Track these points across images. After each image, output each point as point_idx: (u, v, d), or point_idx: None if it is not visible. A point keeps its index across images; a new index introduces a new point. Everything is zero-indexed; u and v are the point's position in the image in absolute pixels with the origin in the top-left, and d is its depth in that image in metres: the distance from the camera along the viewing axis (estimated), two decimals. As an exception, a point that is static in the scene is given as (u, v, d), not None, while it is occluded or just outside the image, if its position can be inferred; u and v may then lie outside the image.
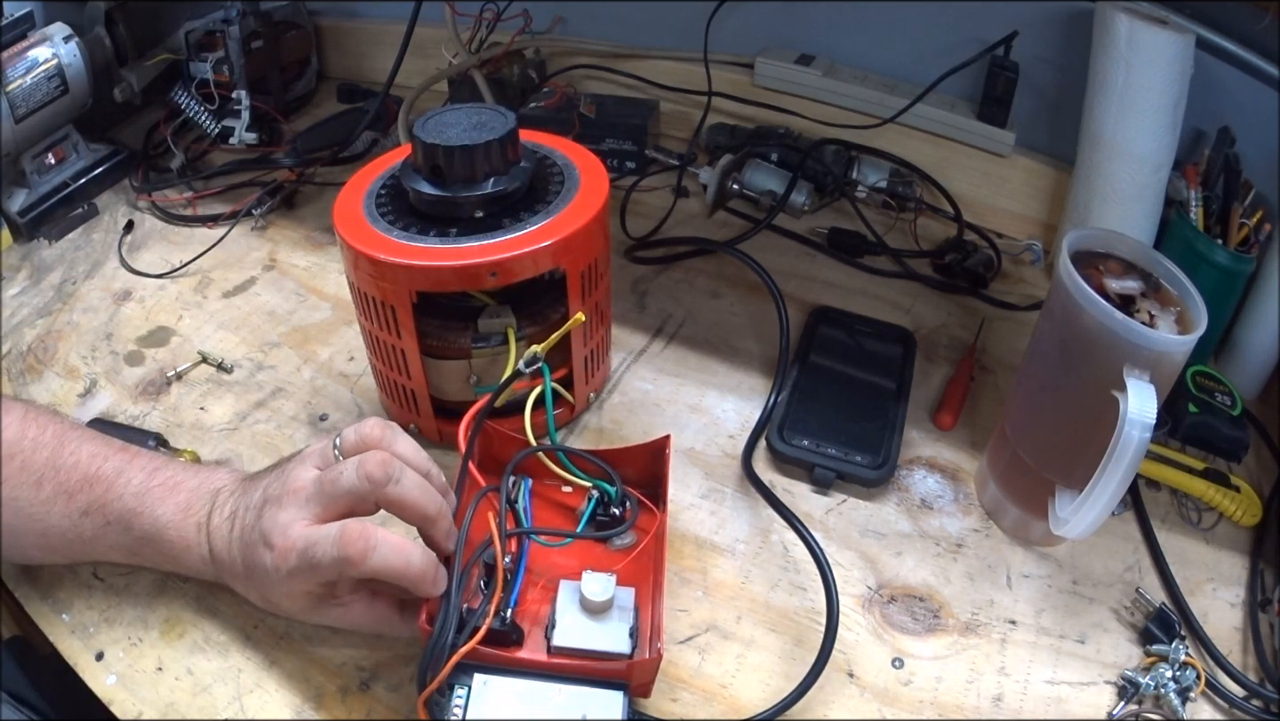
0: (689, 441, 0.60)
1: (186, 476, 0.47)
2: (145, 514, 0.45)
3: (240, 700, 0.46)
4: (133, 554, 0.47)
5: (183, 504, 0.45)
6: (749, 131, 0.87)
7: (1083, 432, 0.46)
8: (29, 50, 0.75)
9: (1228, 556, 0.54)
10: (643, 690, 0.44)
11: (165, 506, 0.45)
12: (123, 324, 0.71)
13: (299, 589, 0.42)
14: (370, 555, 0.39)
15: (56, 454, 0.46)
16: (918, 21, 0.79)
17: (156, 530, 0.45)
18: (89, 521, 0.45)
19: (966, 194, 0.81)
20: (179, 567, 0.46)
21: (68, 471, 0.45)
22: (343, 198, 0.55)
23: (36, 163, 0.79)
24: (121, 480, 0.46)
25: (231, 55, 0.87)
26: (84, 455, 0.46)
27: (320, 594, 0.43)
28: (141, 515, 0.45)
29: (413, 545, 0.41)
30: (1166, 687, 0.45)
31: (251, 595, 0.45)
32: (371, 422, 0.44)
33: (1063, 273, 0.46)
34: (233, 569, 0.44)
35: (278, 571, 0.41)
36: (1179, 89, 0.64)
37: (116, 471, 0.46)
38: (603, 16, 0.93)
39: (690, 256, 0.76)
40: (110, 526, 0.45)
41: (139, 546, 0.46)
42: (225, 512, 0.45)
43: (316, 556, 0.40)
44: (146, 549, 0.46)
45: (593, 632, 0.43)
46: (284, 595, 0.42)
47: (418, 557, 0.41)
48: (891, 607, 0.51)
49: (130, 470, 0.46)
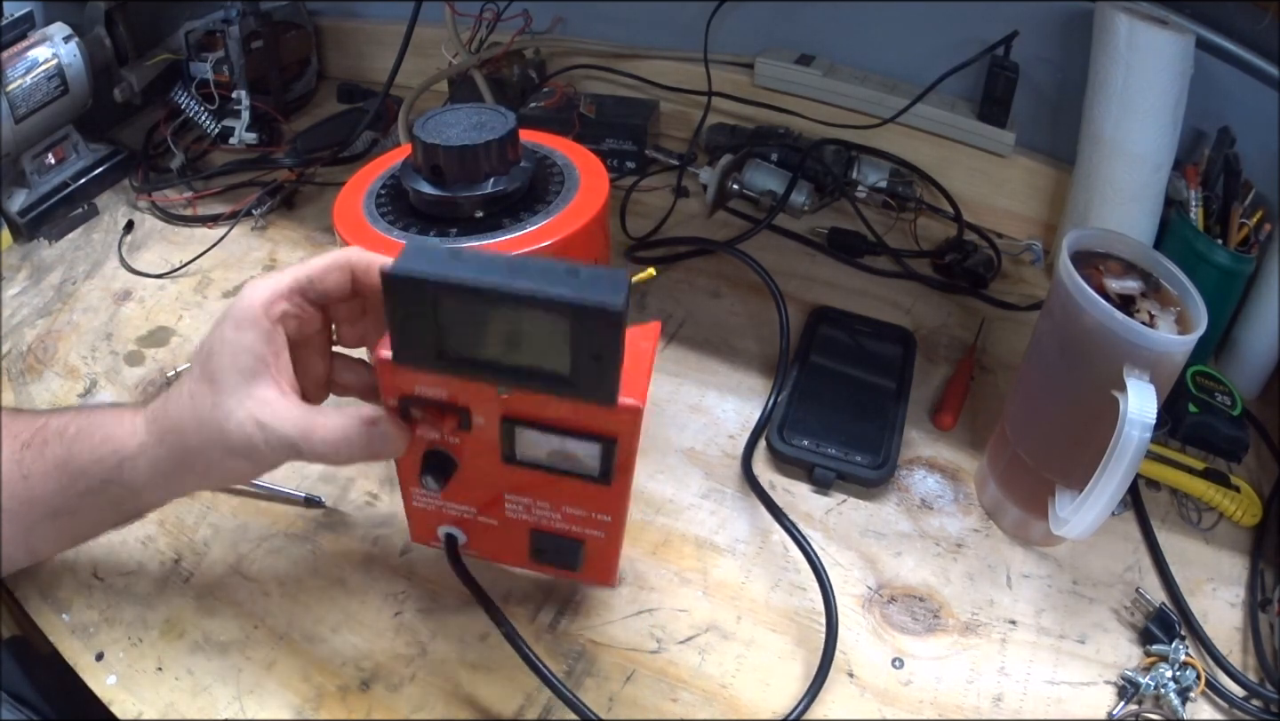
0: (689, 441, 0.60)
1: (123, 419, 0.43)
2: (78, 434, 0.42)
3: (240, 700, 0.46)
4: (69, 473, 0.42)
5: (109, 416, 0.43)
6: (749, 131, 0.87)
7: (1083, 432, 0.46)
8: (29, 50, 0.75)
9: (1228, 556, 0.54)
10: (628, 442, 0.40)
11: (96, 418, 0.43)
12: (123, 324, 0.71)
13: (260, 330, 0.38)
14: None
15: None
16: (918, 21, 0.79)
17: (90, 427, 0.42)
18: (63, 472, 0.42)
19: (966, 194, 0.81)
20: (112, 465, 0.42)
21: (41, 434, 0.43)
22: (343, 198, 0.55)
23: (36, 163, 0.79)
24: (49, 428, 0.43)
25: (231, 55, 0.87)
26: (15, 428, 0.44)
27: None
28: (71, 434, 0.42)
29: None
30: (1166, 687, 0.45)
31: (206, 432, 0.39)
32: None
33: (1063, 273, 0.46)
34: (180, 407, 0.40)
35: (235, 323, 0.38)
36: (1179, 89, 0.64)
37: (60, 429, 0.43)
38: (603, 16, 0.93)
39: (690, 256, 0.76)
40: (82, 474, 0.42)
41: (77, 472, 0.42)
42: (159, 398, 0.42)
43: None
44: (79, 446, 0.42)
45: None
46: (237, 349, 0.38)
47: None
48: (891, 607, 0.51)
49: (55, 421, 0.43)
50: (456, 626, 0.49)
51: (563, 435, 0.38)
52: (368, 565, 0.52)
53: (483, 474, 0.41)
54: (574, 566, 0.44)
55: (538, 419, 0.38)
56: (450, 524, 0.45)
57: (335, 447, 0.38)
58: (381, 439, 0.39)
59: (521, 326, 0.34)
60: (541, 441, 0.39)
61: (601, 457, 0.39)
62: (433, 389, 0.38)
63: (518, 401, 0.38)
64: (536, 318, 0.33)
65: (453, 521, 0.45)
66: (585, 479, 0.40)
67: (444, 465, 0.40)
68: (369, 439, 0.39)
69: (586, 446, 0.39)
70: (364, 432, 0.38)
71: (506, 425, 0.39)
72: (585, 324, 0.33)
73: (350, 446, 0.38)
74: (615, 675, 0.47)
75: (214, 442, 0.39)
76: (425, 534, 0.46)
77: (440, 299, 0.34)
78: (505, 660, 0.47)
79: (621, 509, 0.42)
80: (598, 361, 0.34)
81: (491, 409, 0.38)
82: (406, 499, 0.44)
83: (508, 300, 0.33)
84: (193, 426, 0.39)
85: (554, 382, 0.35)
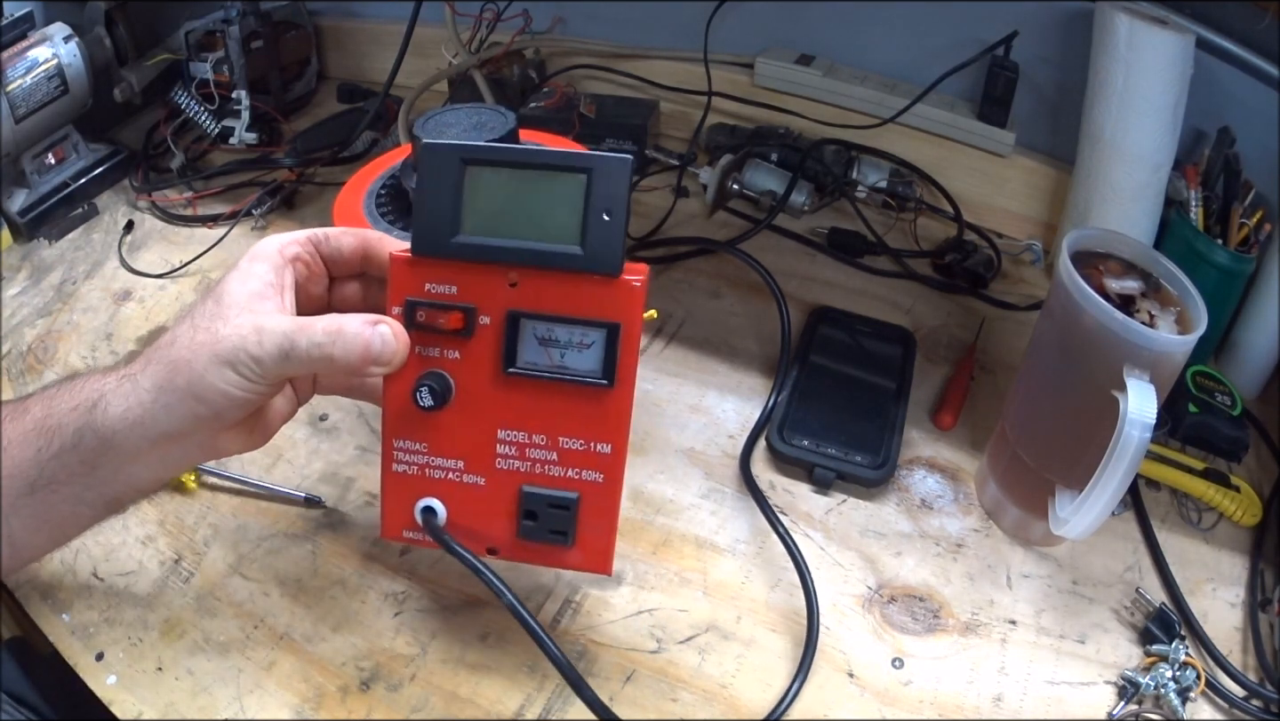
0: (689, 441, 0.60)
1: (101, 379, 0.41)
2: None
3: (240, 700, 0.46)
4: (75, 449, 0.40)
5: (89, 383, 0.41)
6: (749, 131, 0.87)
7: (1083, 432, 0.46)
8: (29, 50, 0.75)
9: (1228, 556, 0.54)
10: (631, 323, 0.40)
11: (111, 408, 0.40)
12: (123, 324, 0.71)
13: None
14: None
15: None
16: (917, 21, 0.79)
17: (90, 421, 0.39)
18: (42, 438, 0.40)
19: (966, 194, 0.81)
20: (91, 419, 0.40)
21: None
22: (343, 198, 0.55)
23: (36, 163, 0.79)
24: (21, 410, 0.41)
25: (231, 55, 0.87)
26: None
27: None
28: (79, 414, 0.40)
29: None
30: (1166, 687, 0.45)
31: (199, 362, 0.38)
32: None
33: (1063, 273, 0.46)
34: (179, 321, 0.40)
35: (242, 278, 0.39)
36: (1179, 89, 0.64)
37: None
38: (603, 16, 0.93)
39: (690, 256, 0.76)
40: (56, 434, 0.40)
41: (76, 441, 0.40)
42: (137, 359, 0.40)
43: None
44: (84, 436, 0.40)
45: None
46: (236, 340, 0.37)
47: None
48: (891, 607, 0.51)
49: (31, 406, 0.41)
50: (456, 626, 0.49)
51: (568, 324, 0.39)
52: (368, 565, 0.52)
53: (478, 402, 0.40)
54: (567, 536, 0.42)
55: (543, 311, 0.39)
56: (431, 494, 0.42)
57: (330, 338, 0.37)
58: (381, 339, 0.38)
59: (539, 194, 0.38)
60: (545, 332, 0.39)
61: (605, 348, 0.39)
62: (443, 285, 0.39)
63: (525, 292, 0.39)
64: (554, 179, 0.38)
65: (435, 490, 0.42)
66: (587, 386, 0.39)
67: (441, 386, 0.40)
68: (368, 337, 0.38)
69: (591, 334, 0.39)
70: (362, 329, 0.38)
71: (511, 321, 0.39)
72: (600, 175, 0.37)
73: (345, 340, 0.38)
74: (615, 675, 0.47)
75: (203, 347, 0.38)
76: (400, 519, 0.42)
77: (468, 168, 0.38)
78: (505, 660, 0.48)
79: (622, 436, 0.41)
80: (608, 219, 0.38)
81: (498, 303, 0.39)
82: (386, 468, 0.42)
83: (531, 164, 0.38)
84: (186, 337, 0.39)
85: (564, 260, 0.38)
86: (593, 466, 0.41)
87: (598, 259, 0.38)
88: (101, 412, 0.39)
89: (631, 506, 0.56)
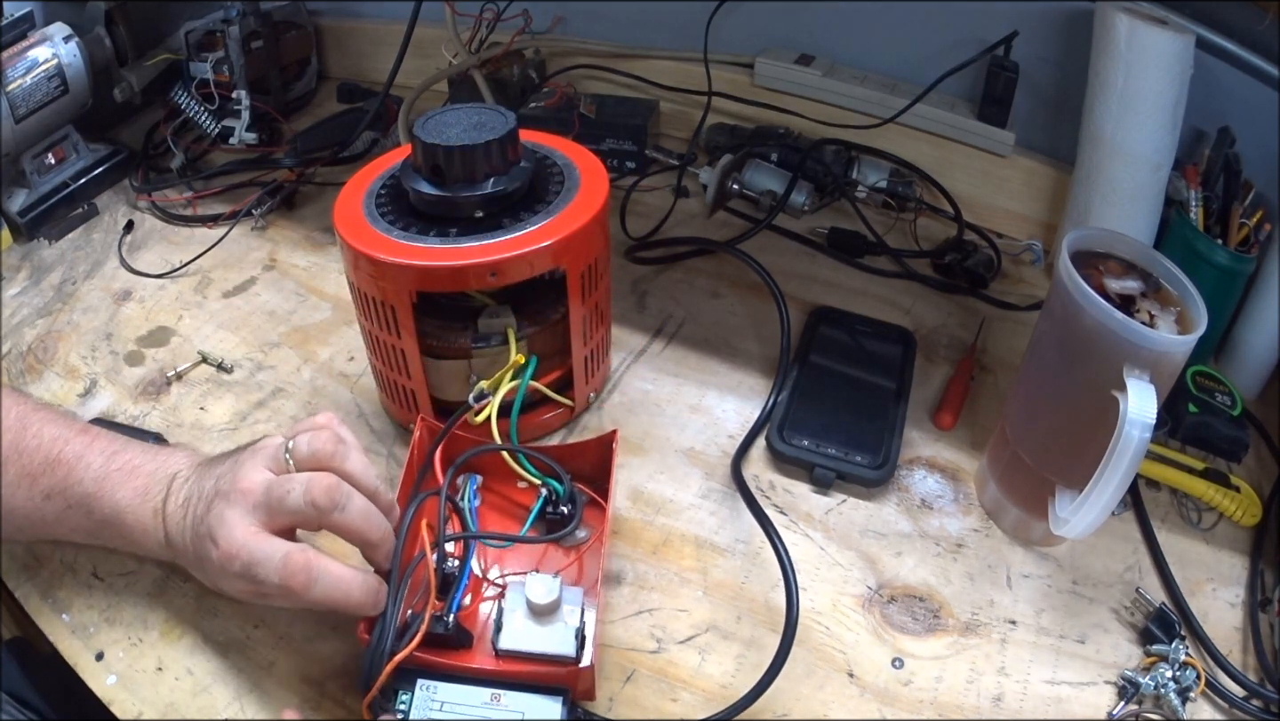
0: (689, 441, 0.60)
1: (145, 460, 0.47)
2: (105, 498, 0.45)
3: (240, 700, 0.46)
4: (94, 536, 0.47)
5: (140, 489, 0.46)
6: (749, 131, 0.87)
7: (1083, 432, 0.46)
8: (29, 50, 0.75)
9: (1228, 556, 0.54)
10: (586, 694, 0.44)
11: (123, 491, 0.45)
12: (123, 324, 0.71)
13: (243, 590, 0.42)
14: (311, 588, 0.40)
15: (19, 436, 0.46)
16: (918, 21, 0.79)
17: (116, 514, 0.45)
18: (51, 505, 0.46)
19: (966, 194, 0.81)
20: (138, 550, 0.47)
21: (30, 454, 0.46)
22: (343, 198, 0.55)
23: (36, 163, 0.79)
24: (81, 465, 0.46)
25: (231, 55, 0.87)
26: (46, 438, 0.46)
27: (265, 594, 0.43)
28: (101, 500, 0.45)
29: (353, 576, 0.42)
30: (1166, 687, 0.45)
31: (205, 580, 0.45)
32: (324, 435, 0.44)
33: (1063, 273, 0.46)
34: (185, 555, 0.44)
35: (222, 571, 0.42)
36: (1179, 89, 0.63)
37: (77, 456, 0.46)
38: (603, 16, 0.93)
39: (690, 256, 0.76)
40: (72, 510, 0.46)
41: (99, 529, 0.46)
42: (180, 498, 0.45)
43: (258, 575, 0.40)
44: (107, 531, 0.46)
45: (538, 635, 0.43)
46: (229, 590, 0.43)
47: (357, 590, 0.42)
48: (891, 607, 0.51)
49: (90, 454, 0.46)
50: (456, 626, 0.49)
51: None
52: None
53: None
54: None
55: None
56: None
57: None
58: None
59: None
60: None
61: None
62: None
63: None
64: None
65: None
66: None
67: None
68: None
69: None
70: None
71: None
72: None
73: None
74: (615, 675, 0.47)
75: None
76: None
77: None
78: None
79: None
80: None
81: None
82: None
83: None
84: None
85: None
86: None
87: None
88: (125, 535, 0.46)
89: (631, 506, 0.56)
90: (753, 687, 0.44)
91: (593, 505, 0.53)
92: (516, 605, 0.44)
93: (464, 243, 0.50)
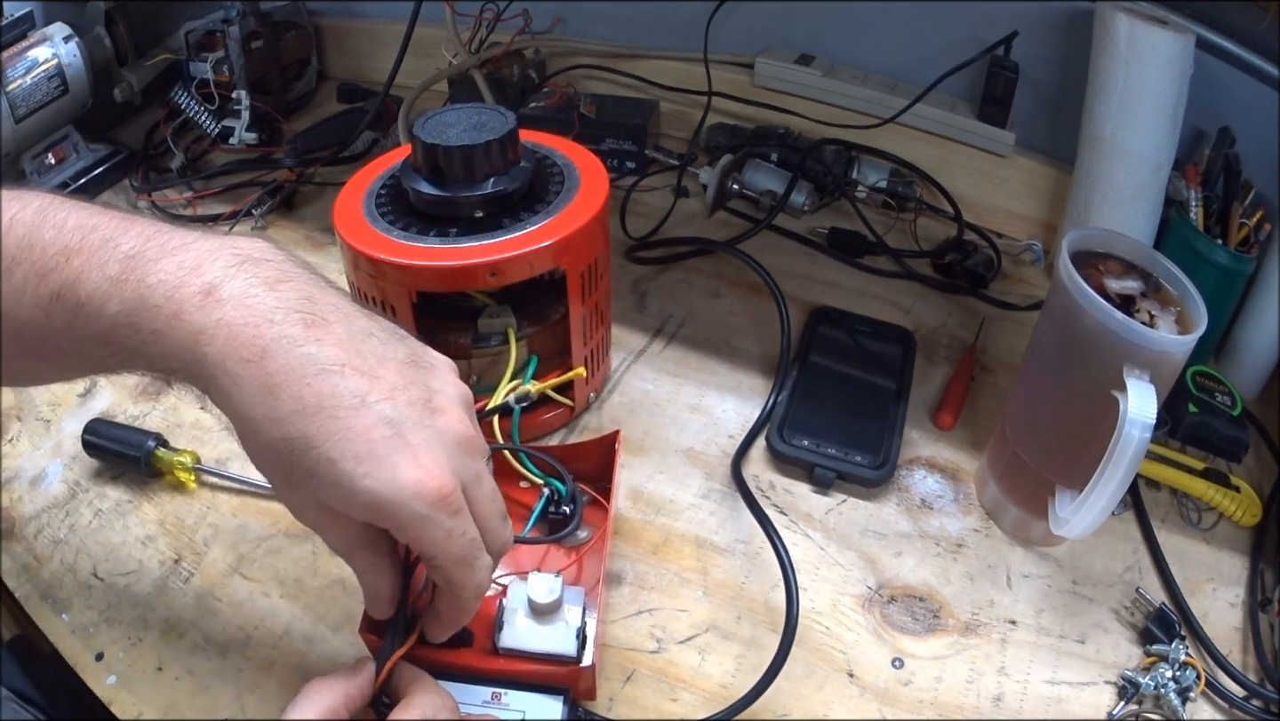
0: (689, 441, 0.60)
1: (204, 240, 0.34)
2: (129, 282, 0.33)
3: (240, 700, 0.46)
4: (105, 345, 0.34)
5: (189, 263, 0.33)
6: (749, 131, 0.87)
7: (1083, 432, 0.46)
8: (29, 50, 0.75)
9: (1228, 556, 0.54)
10: (587, 694, 0.44)
11: (161, 265, 0.33)
12: (123, 324, 0.71)
13: (400, 502, 0.32)
14: (472, 564, 0.35)
15: (35, 230, 0.35)
16: (918, 21, 0.79)
17: (139, 298, 0.32)
18: (60, 306, 0.34)
19: (966, 194, 0.81)
20: (149, 357, 0.34)
21: (44, 248, 0.34)
22: (343, 198, 0.55)
23: (36, 163, 0.79)
24: (108, 248, 0.34)
25: (231, 55, 0.87)
26: (69, 226, 0.35)
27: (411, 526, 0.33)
28: (124, 284, 0.33)
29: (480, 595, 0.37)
30: (1166, 687, 0.45)
31: (272, 430, 0.32)
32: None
33: (1063, 273, 0.46)
34: (250, 349, 0.31)
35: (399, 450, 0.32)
36: (1179, 89, 0.63)
37: (104, 240, 0.34)
38: (603, 16, 0.93)
39: (690, 256, 0.76)
40: (82, 310, 0.33)
41: (111, 334, 0.33)
42: (266, 274, 0.33)
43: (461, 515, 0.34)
44: (120, 333, 0.33)
45: (540, 635, 0.43)
46: (340, 475, 0.32)
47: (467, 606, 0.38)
48: (891, 607, 0.51)
49: (124, 236, 0.34)
50: (456, 626, 0.49)
51: None
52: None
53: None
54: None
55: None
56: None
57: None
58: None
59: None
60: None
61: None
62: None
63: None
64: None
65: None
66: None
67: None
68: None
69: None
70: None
71: None
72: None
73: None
74: (615, 675, 0.47)
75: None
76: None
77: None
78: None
79: None
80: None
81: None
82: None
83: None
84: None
85: None
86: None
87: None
88: (143, 325, 0.33)
89: (631, 506, 0.56)
90: (753, 687, 0.44)
91: (593, 505, 0.53)
92: (518, 604, 0.44)
93: (464, 243, 0.50)
